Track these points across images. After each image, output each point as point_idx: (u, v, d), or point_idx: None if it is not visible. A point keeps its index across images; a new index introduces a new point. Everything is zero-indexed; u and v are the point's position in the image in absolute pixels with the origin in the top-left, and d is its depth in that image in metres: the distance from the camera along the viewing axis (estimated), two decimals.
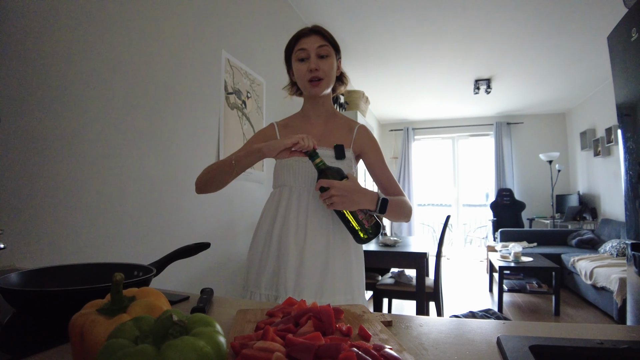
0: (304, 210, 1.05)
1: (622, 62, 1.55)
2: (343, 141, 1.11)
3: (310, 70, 1.04)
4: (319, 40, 1.05)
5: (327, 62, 1.05)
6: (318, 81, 1.05)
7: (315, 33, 1.06)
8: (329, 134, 1.13)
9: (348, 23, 3.30)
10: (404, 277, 2.78)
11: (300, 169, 1.07)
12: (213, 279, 1.94)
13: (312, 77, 1.04)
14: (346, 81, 1.19)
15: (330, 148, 1.09)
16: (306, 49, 1.04)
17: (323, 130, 1.14)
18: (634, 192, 1.48)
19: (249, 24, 2.35)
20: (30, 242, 1.06)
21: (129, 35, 1.44)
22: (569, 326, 0.60)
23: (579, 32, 3.42)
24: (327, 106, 1.16)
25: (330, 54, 1.06)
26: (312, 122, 1.15)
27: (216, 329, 0.36)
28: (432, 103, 5.99)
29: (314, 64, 1.03)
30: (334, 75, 1.09)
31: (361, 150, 1.14)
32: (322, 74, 1.05)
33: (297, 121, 1.18)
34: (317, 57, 1.04)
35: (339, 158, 1.07)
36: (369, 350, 0.42)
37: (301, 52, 1.05)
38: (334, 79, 1.10)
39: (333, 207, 0.94)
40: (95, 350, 0.37)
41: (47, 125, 1.13)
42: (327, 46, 1.05)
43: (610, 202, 4.91)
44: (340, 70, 1.15)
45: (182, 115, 1.74)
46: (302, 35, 1.07)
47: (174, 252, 0.83)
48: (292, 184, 1.08)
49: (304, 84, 1.08)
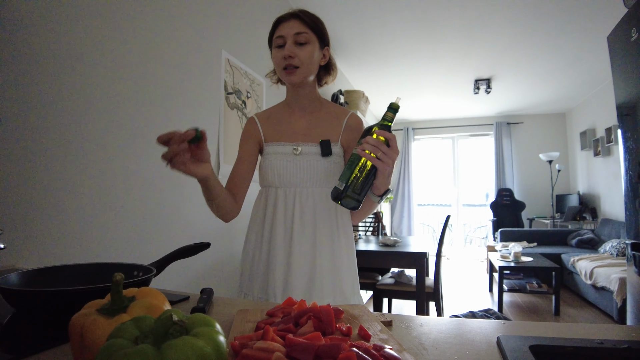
0: (290, 211, 1.02)
1: (622, 62, 1.55)
2: (330, 134, 1.05)
3: (285, 57, 0.97)
4: (298, 26, 0.97)
5: (305, 50, 0.97)
6: (293, 69, 0.97)
7: (295, 18, 0.98)
8: (314, 126, 1.06)
9: (348, 23, 3.30)
10: (404, 277, 2.78)
11: (284, 169, 1.02)
12: (213, 279, 1.94)
13: (286, 65, 0.97)
14: (334, 72, 1.10)
15: (316, 143, 1.03)
16: (283, 35, 0.97)
17: (308, 121, 1.07)
18: (634, 192, 1.48)
19: (249, 24, 2.35)
20: (30, 242, 1.06)
21: (129, 35, 1.44)
22: (569, 326, 0.60)
23: (579, 32, 3.42)
24: (311, 96, 1.07)
25: (310, 40, 0.98)
26: (296, 113, 1.08)
27: (216, 329, 0.36)
28: (432, 103, 5.99)
29: (288, 50, 0.96)
30: (314, 64, 1.01)
31: (348, 145, 1.07)
32: (297, 62, 0.97)
33: (280, 112, 1.11)
34: (293, 44, 0.97)
35: (325, 155, 1.02)
36: (369, 350, 0.42)
37: (278, 39, 0.98)
38: (314, 68, 1.02)
39: (379, 162, 0.79)
40: (95, 350, 0.37)
41: (47, 125, 1.13)
42: (305, 33, 0.97)
43: (610, 202, 4.91)
44: (327, 59, 1.06)
45: (182, 115, 1.74)
46: (281, 20, 1.00)
47: (174, 252, 0.83)
48: (277, 184, 1.04)
49: (279, 72, 1.01)
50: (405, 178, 6.97)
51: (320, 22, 1.03)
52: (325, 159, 1.02)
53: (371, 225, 3.90)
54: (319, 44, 1.01)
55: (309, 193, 1.02)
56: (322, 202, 1.02)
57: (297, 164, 1.02)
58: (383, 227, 3.86)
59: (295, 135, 1.06)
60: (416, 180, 7.07)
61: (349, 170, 0.82)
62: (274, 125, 1.08)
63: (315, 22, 1.01)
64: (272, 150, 1.05)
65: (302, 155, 1.02)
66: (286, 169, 1.02)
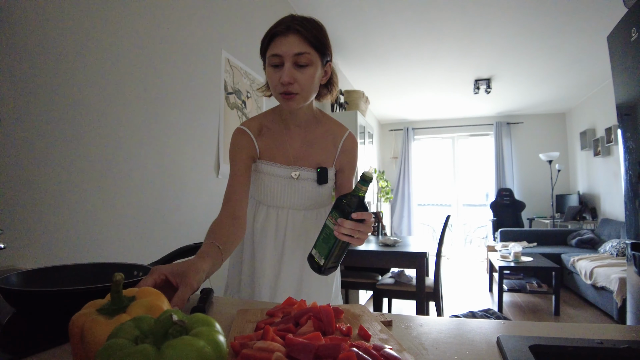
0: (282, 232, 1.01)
1: (622, 62, 1.55)
2: (326, 159, 1.01)
3: (283, 83, 0.84)
4: (298, 45, 0.83)
5: (305, 73, 0.85)
6: (292, 95, 0.87)
7: (295, 33, 0.83)
8: (310, 149, 1.00)
9: (348, 23, 3.30)
10: (404, 277, 2.78)
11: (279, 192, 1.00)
12: (213, 279, 1.94)
13: (284, 91, 0.86)
14: (334, 90, 1.00)
15: (312, 169, 0.99)
16: (280, 54, 0.83)
17: (303, 142, 1.01)
18: (634, 192, 1.48)
19: (249, 24, 2.35)
20: (30, 242, 1.06)
21: (129, 35, 1.44)
22: (569, 326, 0.60)
23: (578, 32, 3.42)
24: (307, 114, 0.99)
25: (312, 62, 0.85)
26: (291, 131, 1.00)
27: (216, 329, 0.36)
28: (432, 103, 5.99)
29: (288, 76, 0.83)
30: (314, 87, 0.90)
31: (341, 168, 1.04)
32: (296, 88, 0.86)
33: (273, 125, 1.01)
34: (293, 66, 0.84)
35: (321, 183, 0.99)
36: (368, 350, 0.42)
37: (275, 58, 0.85)
38: (314, 91, 0.91)
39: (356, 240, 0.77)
40: (95, 350, 0.37)
41: (47, 125, 1.13)
42: (307, 53, 0.84)
43: (610, 201, 4.91)
44: (329, 76, 0.95)
45: (182, 115, 1.74)
46: (277, 34, 0.84)
47: (174, 252, 0.83)
48: (270, 203, 1.01)
49: (276, 95, 0.90)
50: (405, 178, 6.97)
51: (323, 35, 0.89)
52: (320, 187, 1.01)
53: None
54: (321, 63, 0.89)
55: (300, 215, 1.03)
56: (312, 223, 1.04)
57: (292, 189, 1.00)
58: (383, 227, 3.86)
59: (290, 158, 1.00)
60: (416, 180, 7.07)
61: (326, 245, 0.80)
62: (267, 141, 1.00)
63: (317, 37, 0.86)
64: (268, 171, 0.99)
65: (298, 180, 1.00)
66: (281, 192, 1.00)
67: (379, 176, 5.86)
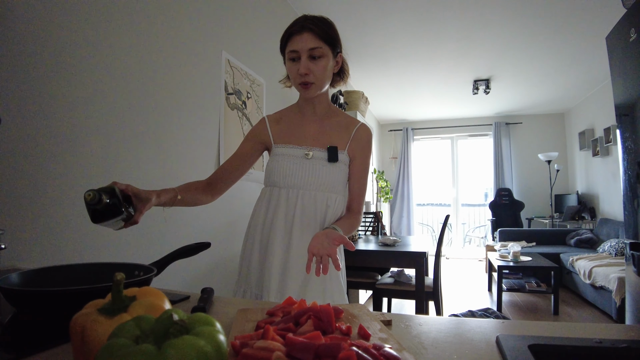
0: (291, 212, 1.04)
1: (621, 62, 1.56)
2: (338, 142, 1.09)
3: (300, 74, 0.99)
4: (311, 41, 0.98)
5: (319, 64, 1.00)
6: (309, 84, 1.01)
7: (308, 31, 0.98)
8: (324, 132, 1.10)
9: (348, 23, 3.30)
10: (404, 276, 2.78)
11: (290, 171, 1.05)
12: (213, 279, 1.94)
13: (302, 81, 1.01)
14: (346, 77, 1.14)
15: (323, 149, 1.07)
16: (297, 50, 0.98)
17: (318, 127, 1.11)
18: (633, 192, 1.48)
19: (249, 25, 2.35)
20: (30, 242, 1.06)
21: (130, 36, 1.44)
22: (568, 325, 0.61)
23: (577, 32, 3.42)
24: (323, 103, 1.12)
25: (324, 54, 1.00)
26: (308, 118, 1.12)
27: (217, 329, 0.36)
28: (432, 103, 6.00)
29: (304, 68, 0.98)
30: (328, 76, 1.04)
31: (354, 155, 1.11)
32: (312, 78, 1.00)
33: (291, 115, 1.14)
34: (308, 59, 0.98)
35: (331, 160, 1.05)
36: (368, 349, 0.42)
37: (292, 53, 1.00)
38: (328, 80, 1.06)
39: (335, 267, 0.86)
40: (96, 350, 0.37)
41: (48, 125, 1.13)
42: (320, 48, 0.98)
43: (608, 201, 4.92)
44: (340, 65, 1.09)
45: (183, 115, 1.74)
46: (293, 33, 0.99)
47: (174, 252, 0.83)
48: (281, 184, 1.06)
49: (295, 85, 1.05)
50: (405, 178, 6.98)
51: (333, 30, 1.03)
52: (331, 165, 1.05)
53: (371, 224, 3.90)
54: (332, 54, 1.03)
55: (311, 196, 1.05)
56: (322, 205, 1.05)
57: (304, 167, 1.05)
58: (382, 226, 3.86)
59: (305, 139, 1.09)
60: (415, 180, 7.07)
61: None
62: (284, 127, 1.12)
63: (328, 32, 1.00)
64: (282, 152, 1.08)
65: (311, 159, 1.06)
66: (292, 170, 1.05)
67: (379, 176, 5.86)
